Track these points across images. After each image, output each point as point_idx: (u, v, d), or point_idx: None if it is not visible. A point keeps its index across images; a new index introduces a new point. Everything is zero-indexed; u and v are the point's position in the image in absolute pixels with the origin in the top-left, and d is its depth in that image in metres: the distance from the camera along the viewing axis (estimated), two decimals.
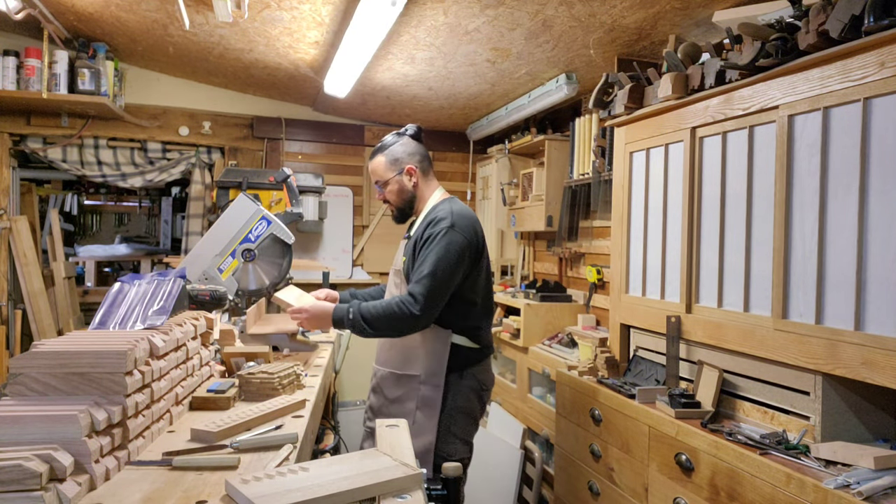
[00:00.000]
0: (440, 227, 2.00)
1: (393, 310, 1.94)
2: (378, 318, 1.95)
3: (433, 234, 1.99)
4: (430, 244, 1.98)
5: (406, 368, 2.08)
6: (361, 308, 1.97)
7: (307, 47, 3.01)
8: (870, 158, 1.47)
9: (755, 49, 1.72)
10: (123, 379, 1.14)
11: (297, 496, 0.96)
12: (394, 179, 2.15)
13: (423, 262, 1.96)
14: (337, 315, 2.00)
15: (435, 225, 2.01)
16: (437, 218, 2.03)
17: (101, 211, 6.09)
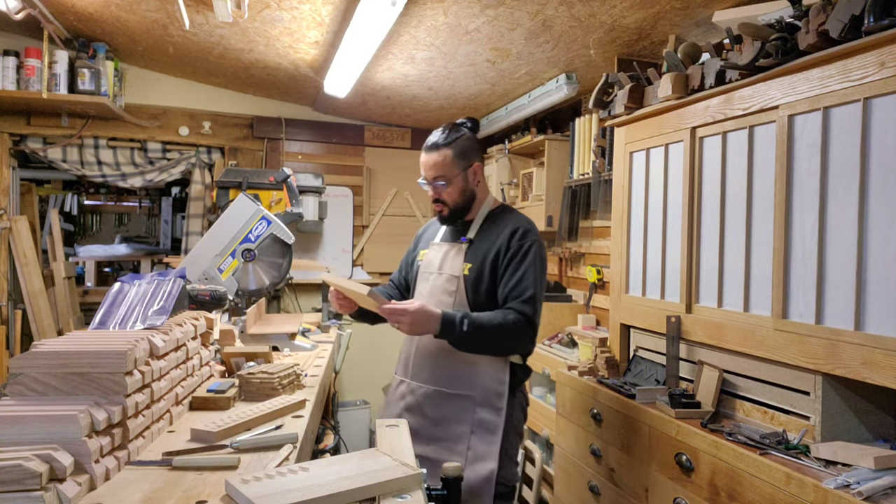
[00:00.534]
0: (528, 240, 1.87)
1: (510, 328, 1.77)
2: (493, 333, 1.77)
3: (523, 248, 1.86)
4: (524, 259, 1.84)
5: (458, 387, 1.88)
6: (473, 318, 1.77)
7: (307, 47, 3.01)
8: (870, 158, 1.47)
9: (755, 49, 1.72)
10: (123, 379, 1.14)
11: (297, 496, 0.96)
12: (459, 177, 1.93)
13: (523, 280, 1.83)
14: (447, 320, 1.75)
15: (523, 237, 1.87)
16: (521, 229, 1.89)
17: (101, 211, 6.09)
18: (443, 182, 1.93)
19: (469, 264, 1.90)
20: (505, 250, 1.87)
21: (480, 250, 1.91)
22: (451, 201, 1.95)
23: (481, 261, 1.89)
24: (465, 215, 1.99)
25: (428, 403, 1.90)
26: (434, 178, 1.93)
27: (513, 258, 1.86)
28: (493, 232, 1.92)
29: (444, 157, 1.92)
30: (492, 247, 1.89)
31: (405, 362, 2.01)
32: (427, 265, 2.02)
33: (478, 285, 1.88)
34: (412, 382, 1.96)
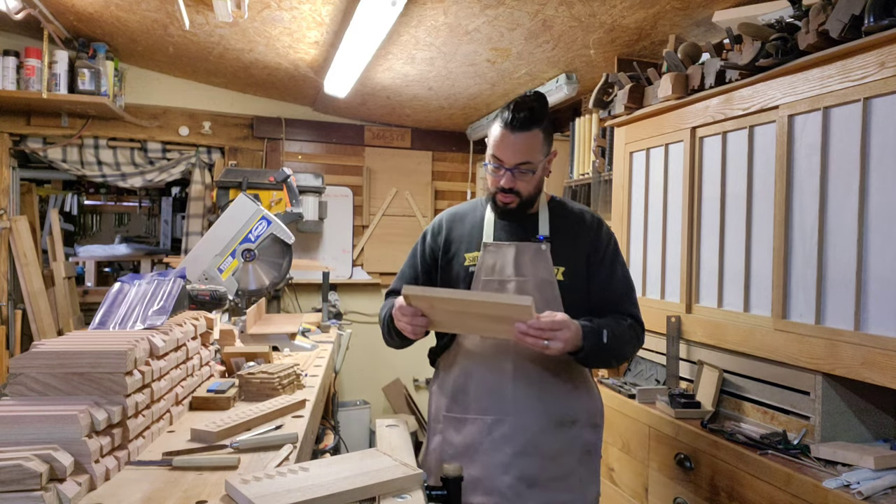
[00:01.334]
0: (610, 232, 1.69)
1: (633, 335, 1.59)
2: (623, 342, 1.56)
3: (612, 243, 1.67)
4: (616, 255, 1.66)
5: (569, 412, 1.60)
6: (608, 327, 1.53)
7: (307, 47, 3.01)
8: (870, 158, 1.47)
9: (755, 49, 1.72)
10: (123, 379, 1.14)
11: (297, 496, 0.96)
12: (541, 164, 1.60)
13: (624, 279, 1.65)
14: (587, 331, 1.48)
15: (607, 230, 1.68)
16: (598, 220, 1.70)
17: (101, 211, 6.09)
18: (529, 170, 1.57)
19: (562, 267, 1.60)
20: (595, 248, 1.63)
21: (565, 250, 1.62)
22: (527, 192, 1.60)
23: (574, 263, 1.62)
24: (525, 211, 1.65)
25: (544, 440, 1.56)
26: (519, 164, 1.56)
27: (604, 256, 1.64)
28: (568, 227, 1.66)
29: (536, 139, 1.56)
30: (577, 245, 1.63)
31: (495, 395, 1.59)
32: (490, 270, 1.62)
33: (574, 291, 1.60)
34: (519, 419, 1.56)
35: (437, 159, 4.57)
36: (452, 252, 1.70)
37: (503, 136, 1.55)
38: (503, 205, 1.62)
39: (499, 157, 1.57)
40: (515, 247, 1.61)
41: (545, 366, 1.58)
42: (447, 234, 1.74)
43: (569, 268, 1.61)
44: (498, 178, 1.60)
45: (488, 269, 1.62)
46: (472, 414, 1.60)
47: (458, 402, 1.62)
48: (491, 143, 1.59)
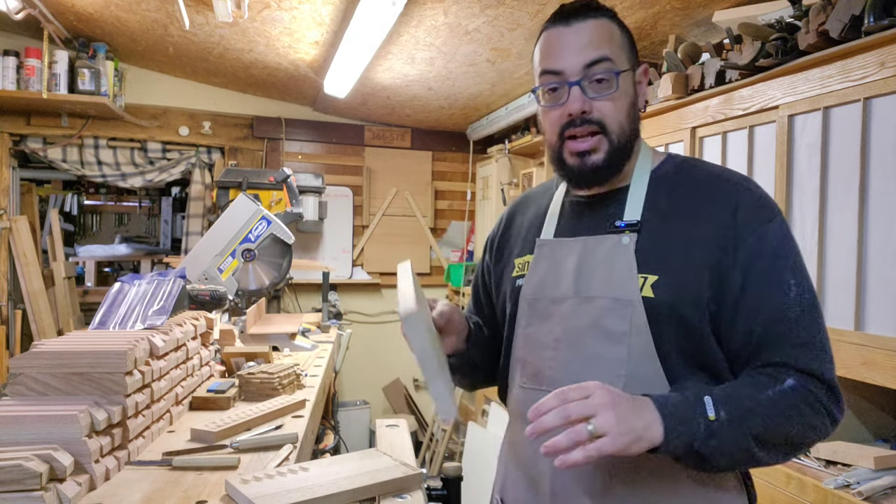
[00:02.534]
0: (773, 217, 0.95)
1: (804, 407, 0.87)
2: (779, 422, 0.86)
3: (771, 236, 0.93)
4: (780, 258, 0.93)
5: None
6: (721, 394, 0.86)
7: (307, 47, 3.01)
8: (870, 158, 1.47)
9: (755, 49, 1.72)
10: (123, 379, 1.14)
11: (297, 496, 0.96)
12: (629, 77, 1.01)
13: (794, 301, 0.91)
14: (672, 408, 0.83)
15: (760, 211, 0.95)
16: (752, 195, 0.97)
17: (101, 211, 6.08)
18: (611, 72, 0.97)
19: (653, 276, 0.94)
20: (732, 240, 0.93)
21: (666, 244, 0.96)
22: (617, 122, 0.98)
23: (680, 266, 0.94)
24: (621, 168, 1.01)
25: None
26: (591, 64, 0.97)
27: (755, 258, 0.92)
28: (683, 204, 0.98)
29: (608, 29, 0.99)
30: (695, 236, 0.95)
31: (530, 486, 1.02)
32: (540, 285, 1.05)
33: (677, 320, 0.92)
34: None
35: (437, 159, 4.57)
36: (504, 259, 1.17)
37: (555, 35, 1.00)
38: (579, 158, 0.99)
39: (554, 67, 0.98)
40: (582, 243, 1.01)
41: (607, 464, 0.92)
42: (503, 232, 1.21)
43: (667, 276, 0.93)
44: (560, 109, 0.98)
45: (538, 283, 1.05)
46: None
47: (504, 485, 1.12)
48: (539, 58, 1.02)
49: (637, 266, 0.95)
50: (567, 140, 0.99)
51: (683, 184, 1.01)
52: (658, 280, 0.93)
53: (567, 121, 0.98)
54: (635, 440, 0.79)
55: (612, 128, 0.98)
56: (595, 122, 0.97)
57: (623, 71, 0.98)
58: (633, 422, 0.80)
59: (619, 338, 0.93)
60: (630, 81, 1.01)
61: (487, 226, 4.22)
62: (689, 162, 1.06)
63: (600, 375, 0.89)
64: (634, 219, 0.98)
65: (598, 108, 0.97)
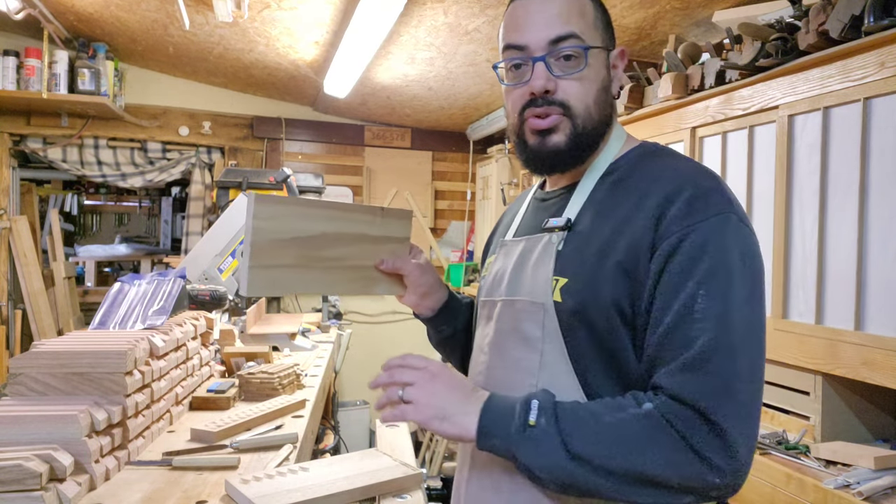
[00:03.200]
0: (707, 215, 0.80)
1: (660, 441, 0.75)
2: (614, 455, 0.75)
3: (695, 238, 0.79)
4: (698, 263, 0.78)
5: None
6: (565, 405, 0.79)
7: (307, 47, 3.01)
8: (870, 158, 1.47)
9: (755, 49, 1.72)
10: (123, 379, 1.14)
11: (297, 496, 0.96)
12: (601, 57, 0.92)
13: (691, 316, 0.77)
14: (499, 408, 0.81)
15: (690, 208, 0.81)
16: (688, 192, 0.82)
17: (101, 211, 6.08)
18: (575, 46, 0.88)
19: (563, 279, 0.87)
20: (653, 241, 0.81)
21: (590, 244, 0.87)
22: (583, 103, 0.90)
23: (594, 267, 0.84)
24: (584, 153, 0.92)
25: None
26: (556, 41, 0.88)
27: (669, 260, 0.80)
28: (623, 200, 0.87)
29: (579, 4, 0.91)
30: (620, 234, 0.84)
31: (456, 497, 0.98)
32: (490, 286, 1.02)
33: (591, 326, 0.84)
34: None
35: (437, 159, 4.57)
36: (485, 260, 1.15)
37: (521, 7, 0.92)
38: (539, 138, 0.90)
39: (518, 41, 0.90)
40: (524, 244, 0.97)
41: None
42: (492, 232, 1.21)
43: (576, 279, 0.85)
44: (523, 87, 0.90)
45: (489, 284, 1.02)
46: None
47: None
48: (503, 32, 0.95)
49: (556, 268, 0.88)
50: (529, 119, 0.91)
51: (632, 177, 0.89)
52: (567, 284, 0.86)
53: (528, 99, 0.90)
54: (438, 418, 0.81)
55: (577, 110, 0.89)
56: (558, 102, 0.89)
57: (593, 48, 0.89)
58: (446, 403, 0.82)
59: (533, 343, 0.89)
60: (602, 62, 0.92)
61: (487, 226, 4.22)
62: (653, 153, 0.93)
63: (517, 382, 0.88)
64: (567, 217, 0.91)
65: (563, 88, 0.89)
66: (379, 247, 1.04)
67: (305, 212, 0.95)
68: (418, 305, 1.12)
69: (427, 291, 1.10)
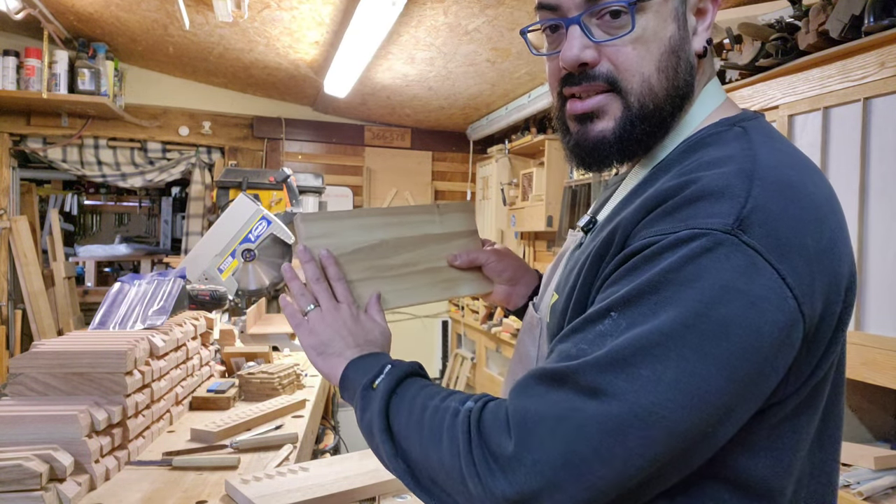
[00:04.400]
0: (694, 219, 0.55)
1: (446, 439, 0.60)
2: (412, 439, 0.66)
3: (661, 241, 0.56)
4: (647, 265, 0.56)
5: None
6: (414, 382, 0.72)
7: (307, 47, 3.01)
8: (870, 158, 1.47)
9: (755, 49, 1.72)
10: (123, 379, 1.14)
11: (297, 496, 0.96)
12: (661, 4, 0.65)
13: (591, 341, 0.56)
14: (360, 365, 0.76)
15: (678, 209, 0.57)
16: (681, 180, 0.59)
17: (101, 211, 6.08)
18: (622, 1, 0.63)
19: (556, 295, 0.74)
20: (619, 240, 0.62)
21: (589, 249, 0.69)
22: (640, 76, 0.66)
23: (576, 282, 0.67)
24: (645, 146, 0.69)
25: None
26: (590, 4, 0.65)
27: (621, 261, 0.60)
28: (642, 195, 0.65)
29: None
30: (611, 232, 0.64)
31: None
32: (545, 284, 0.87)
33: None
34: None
35: (437, 159, 4.57)
36: None
37: None
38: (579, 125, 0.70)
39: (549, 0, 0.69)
40: (568, 239, 0.83)
41: None
42: None
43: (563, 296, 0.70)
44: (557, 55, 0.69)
45: (545, 281, 0.86)
46: None
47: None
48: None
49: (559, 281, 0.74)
50: (568, 100, 0.70)
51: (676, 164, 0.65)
52: (557, 301, 0.71)
53: (564, 74, 0.69)
54: (316, 351, 0.78)
55: (630, 85, 0.65)
56: (603, 77, 0.66)
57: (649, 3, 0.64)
58: (333, 340, 0.77)
59: (528, 364, 0.78)
60: (670, 13, 0.66)
61: (488, 226, 4.22)
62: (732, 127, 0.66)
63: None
64: (592, 216, 0.76)
65: (609, 57, 0.66)
66: (447, 244, 0.95)
67: (357, 222, 0.88)
68: (511, 296, 0.96)
69: (513, 276, 0.96)
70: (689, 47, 0.68)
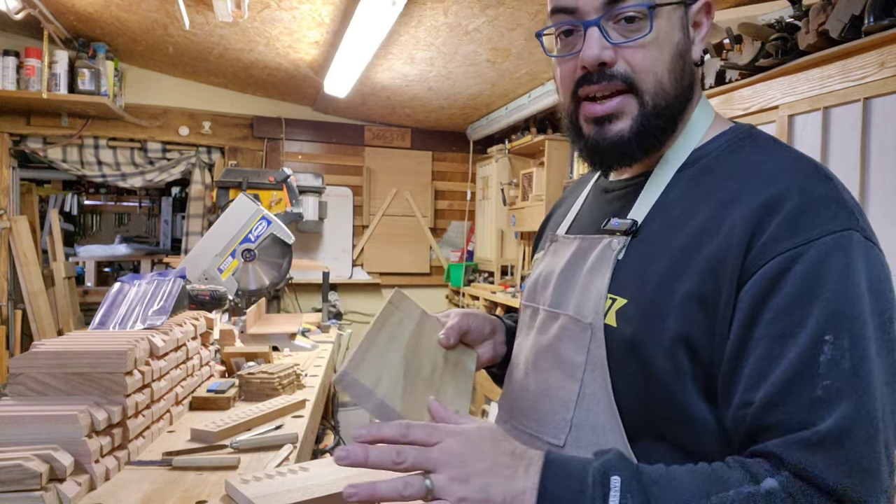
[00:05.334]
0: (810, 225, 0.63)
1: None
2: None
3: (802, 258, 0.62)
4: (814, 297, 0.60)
5: None
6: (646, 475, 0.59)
7: (307, 47, 3.01)
8: (870, 158, 1.47)
9: (755, 49, 1.72)
10: (123, 379, 1.14)
11: (297, 496, 0.96)
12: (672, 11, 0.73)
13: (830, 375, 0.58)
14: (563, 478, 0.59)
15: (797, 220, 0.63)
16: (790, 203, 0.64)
17: (101, 211, 6.09)
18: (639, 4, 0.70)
19: (622, 299, 0.72)
20: (740, 268, 0.64)
21: (657, 259, 0.71)
22: (654, 77, 0.72)
23: (660, 290, 0.69)
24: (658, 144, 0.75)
25: None
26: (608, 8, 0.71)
27: (769, 295, 0.62)
28: (700, 205, 0.70)
29: None
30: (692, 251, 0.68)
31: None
32: (532, 290, 0.89)
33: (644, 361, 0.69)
34: None
35: (437, 159, 4.57)
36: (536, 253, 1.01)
37: None
38: (597, 127, 0.75)
39: (565, 3, 0.73)
40: (578, 243, 0.83)
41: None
42: (544, 222, 1.08)
43: (637, 302, 0.70)
44: (574, 59, 0.74)
45: (531, 286, 0.90)
46: None
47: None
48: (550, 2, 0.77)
49: (613, 283, 0.72)
50: (583, 101, 0.75)
51: (717, 171, 0.71)
52: (626, 305, 0.70)
53: (581, 74, 0.73)
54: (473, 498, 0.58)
55: (645, 85, 0.72)
56: (620, 76, 0.71)
57: (665, 4, 0.71)
58: (490, 487, 0.58)
59: (573, 371, 0.74)
60: (678, 21, 0.73)
61: (488, 226, 4.22)
62: (749, 138, 0.74)
63: (548, 413, 0.75)
64: (633, 218, 0.74)
65: (625, 58, 0.71)
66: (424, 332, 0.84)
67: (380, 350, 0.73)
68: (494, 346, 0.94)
69: (490, 327, 0.93)
70: (691, 55, 0.76)
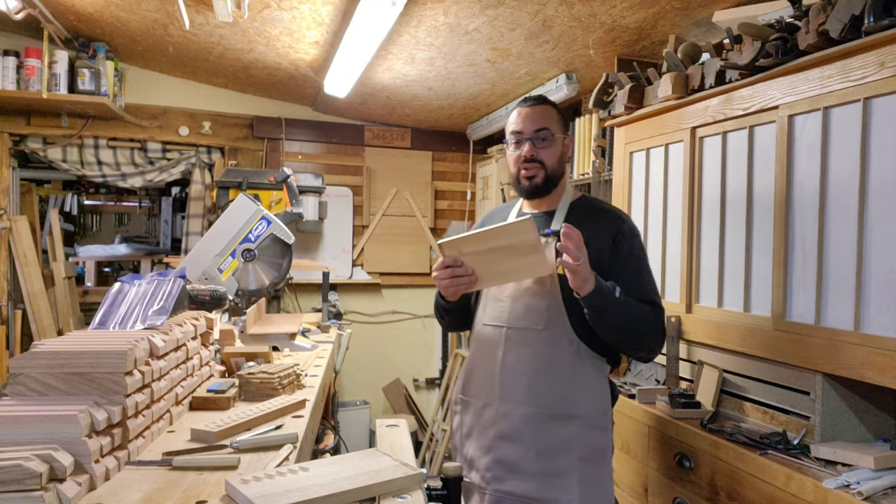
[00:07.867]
0: (634, 231, 1.70)
1: (650, 317, 1.59)
2: (637, 319, 1.56)
3: (635, 242, 1.68)
4: (632, 251, 1.65)
5: (563, 406, 1.58)
6: (623, 298, 1.55)
7: (307, 47, 3.01)
8: (870, 158, 1.47)
9: (755, 49, 1.72)
10: (123, 379, 1.14)
11: (297, 496, 0.96)
12: (560, 141, 1.70)
13: (643, 273, 1.65)
14: (600, 282, 1.51)
15: (632, 239, 1.67)
16: (626, 227, 1.68)
17: (101, 211, 6.09)
18: (549, 135, 1.66)
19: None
20: (613, 242, 1.63)
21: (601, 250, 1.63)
22: (551, 163, 1.67)
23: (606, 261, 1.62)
24: (548, 190, 1.70)
25: (529, 430, 1.58)
26: (537, 130, 1.65)
27: (621, 250, 1.63)
28: (586, 221, 1.61)
29: (551, 112, 1.70)
30: (592, 238, 1.57)
31: (487, 381, 1.68)
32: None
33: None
34: (504, 405, 1.62)
35: (437, 159, 4.57)
36: None
37: (519, 112, 1.71)
38: (528, 180, 1.68)
39: (517, 129, 1.69)
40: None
41: (539, 357, 1.60)
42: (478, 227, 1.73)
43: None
44: (519, 153, 1.69)
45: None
46: (472, 397, 1.73)
47: (465, 386, 1.77)
48: (509, 127, 1.72)
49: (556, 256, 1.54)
50: (521, 170, 1.70)
51: (585, 209, 1.72)
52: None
53: (523, 159, 1.69)
54: (581, 283, 1.48)
55: (547, 165, 1.68)
56: (538, 161, 1.68)
57: (557, 136, 1.70)
58: (583, 275, 1.48)
59: (542, 295, 1.63)
60: (560, 143, 1.71)
61: None
62: (589, 199, 1.78)
63: (532, 316, 1.63)
64: (555, 229, 1.62)
65: (540, 155, 1.68)
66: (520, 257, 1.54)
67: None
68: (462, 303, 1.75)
69: None
70: (565, 156, 1.74)
